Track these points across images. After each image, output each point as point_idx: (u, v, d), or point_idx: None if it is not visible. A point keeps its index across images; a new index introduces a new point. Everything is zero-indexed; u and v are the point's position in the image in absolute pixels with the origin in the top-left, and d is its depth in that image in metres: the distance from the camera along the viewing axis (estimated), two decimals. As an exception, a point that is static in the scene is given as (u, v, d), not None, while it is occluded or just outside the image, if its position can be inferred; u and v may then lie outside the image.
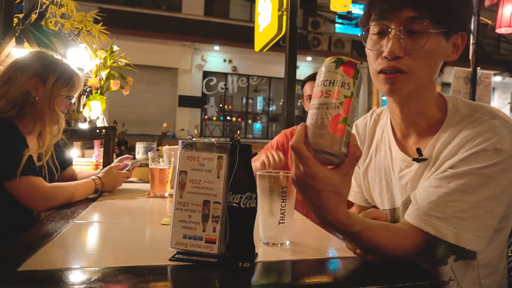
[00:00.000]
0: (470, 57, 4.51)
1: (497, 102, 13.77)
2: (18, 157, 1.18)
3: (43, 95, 1.32)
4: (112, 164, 1.50)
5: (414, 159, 0.83)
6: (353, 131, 0.87)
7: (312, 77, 2.06)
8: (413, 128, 0.86)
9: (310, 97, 2.00)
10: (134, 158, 1.78)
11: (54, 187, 1.25)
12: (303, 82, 2.09)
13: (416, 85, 0.78)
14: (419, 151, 0.82)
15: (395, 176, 0.89)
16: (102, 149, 2.49)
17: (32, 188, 1.19)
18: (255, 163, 1.52)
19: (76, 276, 0.66)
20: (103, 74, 2.63)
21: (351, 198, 1.07)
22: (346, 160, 0.61)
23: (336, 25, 12.37)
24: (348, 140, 0.61)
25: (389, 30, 0.75)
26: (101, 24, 3.25)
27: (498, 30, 4.52)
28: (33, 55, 1.38)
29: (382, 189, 0.94)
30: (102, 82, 2.62)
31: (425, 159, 0.82)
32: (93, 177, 1.39)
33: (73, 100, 1.43)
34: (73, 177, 1.56)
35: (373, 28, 0.80)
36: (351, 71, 0.62)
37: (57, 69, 1.36)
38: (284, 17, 3.18)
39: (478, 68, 4.61)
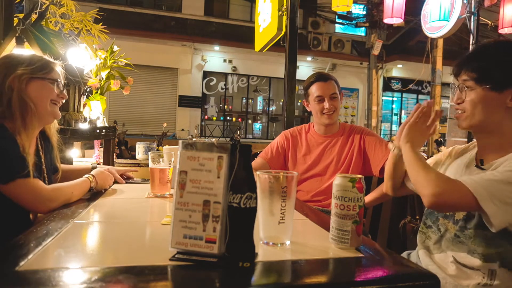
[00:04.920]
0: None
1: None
2: (13, 160, 1.16)
3: (19, 85, 1.25)
4: (110, 167, 1.51)
5: (476, 165, 1.16)
6: (449, 149, 1.33)
7: (319, 78, 1.94)
8: (482, 148, 1.17)
9: (318, 98, 1.89)
10: (134, 158, 1.78)
11: (54, 189, 1.24)
12: (309, 83, 1.95)
13: (473, 122, 1.11)
14: (481, 162, 1.15)
15: (464, 173, 1.20)
16: (102, 149, 2.49)
17: (32, 191, 1.17)
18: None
19: (76, 276, 0.66)
20: (103, 74, 2.64)
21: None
22: None
23: (336, 25, 12.34)
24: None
25: (456, 86, 1.17)
26: (101, 24, 3.25)
27: (501, 31, 4.51)
28: None
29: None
30: (102, 82, 2.63)
31: (483, 169, 1.11)
32: (87, 175, 1.38)
33: (61, 87, 1.36)
34: (63, 175, 1.53)
35: (452, 85, 1.18)
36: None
37: (26, 59, 1.31)
38: (284, 17, 3.18)
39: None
